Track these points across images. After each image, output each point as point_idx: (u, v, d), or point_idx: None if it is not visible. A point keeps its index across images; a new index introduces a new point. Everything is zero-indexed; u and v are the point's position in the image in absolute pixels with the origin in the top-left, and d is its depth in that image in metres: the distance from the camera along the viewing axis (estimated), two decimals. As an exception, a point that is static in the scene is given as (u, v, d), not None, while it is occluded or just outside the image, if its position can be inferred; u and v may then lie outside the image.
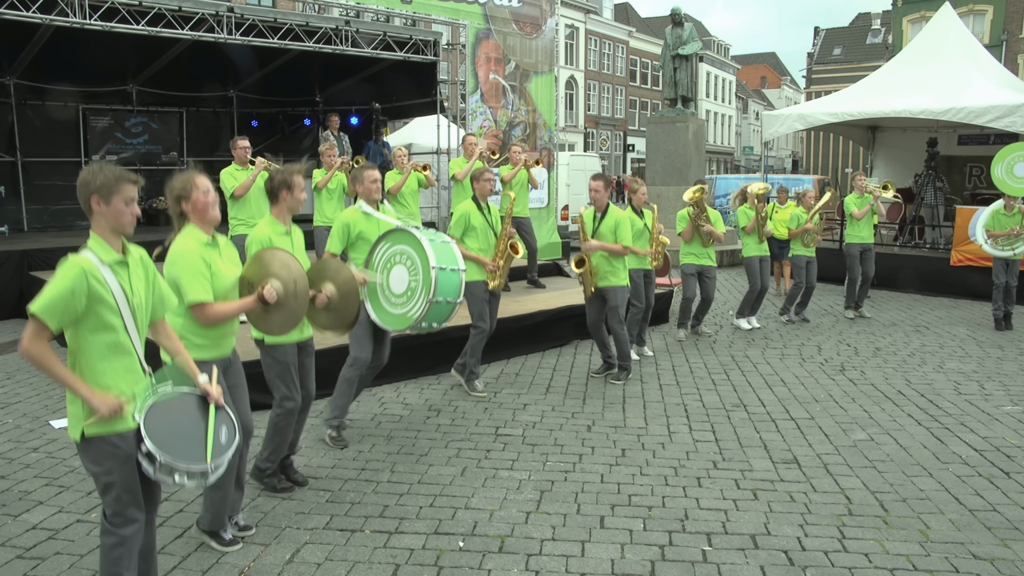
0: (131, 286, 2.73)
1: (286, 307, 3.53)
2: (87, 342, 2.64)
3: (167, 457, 2.64)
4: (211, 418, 2.88)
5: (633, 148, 41.23)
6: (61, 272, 2.58)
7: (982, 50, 13.78)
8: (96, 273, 2.60)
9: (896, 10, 33.12)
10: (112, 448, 2.67)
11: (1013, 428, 5.55)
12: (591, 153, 25.34)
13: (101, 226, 2.69)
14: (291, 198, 4.11)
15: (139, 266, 2.82)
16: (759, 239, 8.78)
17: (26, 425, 5.47)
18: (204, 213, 3.42)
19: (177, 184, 3.42)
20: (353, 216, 4.94)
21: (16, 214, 11.91)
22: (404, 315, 4.74)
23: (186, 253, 3.35)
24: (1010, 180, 9.77)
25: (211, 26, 9.24)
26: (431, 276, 4.59)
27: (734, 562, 3.62)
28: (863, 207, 9.41)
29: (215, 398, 2.94)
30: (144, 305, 2.80)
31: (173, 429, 2.76)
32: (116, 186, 2.68)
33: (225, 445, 2.86)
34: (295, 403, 4.18)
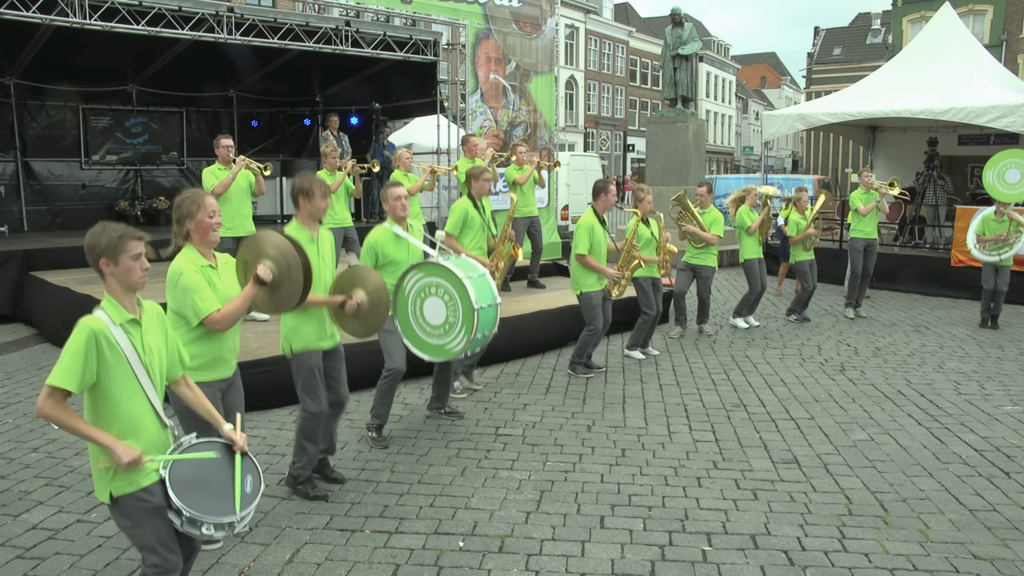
0: (143, 344, 2.73)
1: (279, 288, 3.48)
2: (103, 401, 2.65)
3: (193, 512, 2.63)
4: (237, 467, 2.86)
5: (633, 148, 41.22)
6: (74, 337, 2.59)
7: (982, 50, 13.78)
8: (107, 334, 2.61)
9: (896, 10, 33.12)
10: (140, 503, 2.67)
11: (1013, 428, 5.55)
12: (591, 153, 25.33)
13: (113, 286, 2.69)
14: (310, 204, 4.10)
15: (152, 322, 2.82)
16: (760, 241, 8.80)
17: (26, 425, 5.47)
18: (205, 234, 3.42)
19: (184, 202, 3.42)
20: (382, 237, 4.91)
21: (16, 214, 11.91)
22: (442, 347, 4.92)
23: (184, 272, 3.36)
24: (1001, 186, 9.86)
25: (211, 26, 9.24)
26: (473, 316, 4.73)
27: (734, 562, 3.62)
28: (869, 203, 9.43)
29: (240, 446, 2.91)
30: (160, 361, 2.80)
31: (199, 481, 2.75)
32: (121, 245, 2.67)
33: (251, 494, 2.84)
34: (320, 410, 4.17)
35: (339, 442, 5.13)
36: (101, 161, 12.94)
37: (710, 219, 8.22)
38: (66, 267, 9.01)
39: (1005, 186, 9.82)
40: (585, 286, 6.62)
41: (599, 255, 6.60)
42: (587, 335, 6.77)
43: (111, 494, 2.66)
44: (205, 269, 3.42)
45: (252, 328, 6.74)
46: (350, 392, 5.79)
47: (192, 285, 3.34)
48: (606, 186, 6.70)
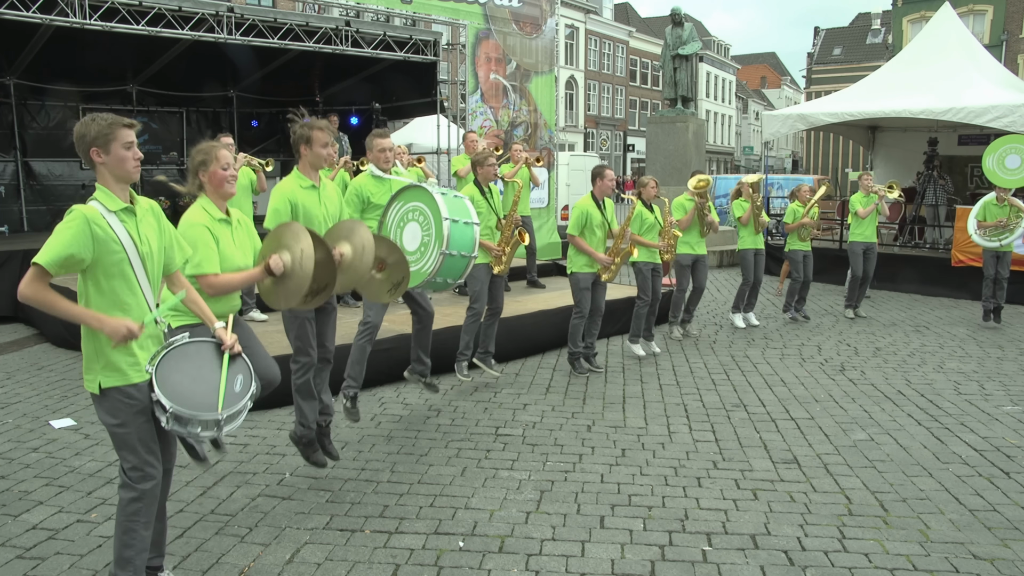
0: (139, 234, 2.68)
1: (288, 281, 3.45)
2: (97, 290, 2.60)
3: (177, 407, 2.61)
4: (224, 366, 2.84)
5: (633, 148, 41.24)
6: (65, 222, 2.54)
7: (982, 50, 13.79)
8: (100, 221, 2.57)
9: (896, 10, 33.12)
10: (127, 399, 2.65)
11: (1013, 428, 5.55)
12: (591, 153, 25.36)
13: (105, 177, 2.65)
14: (311, 153, 4.08)
15: (148, 215, 2.78)
16: (755, 230, 8.79)
17: (26, 425, 5.47)
18: (219, 186, 3.40)
19: (199, 153, 3.41)
20: (363, 180, 4.90)
21: (16, 214, 11.92)
22: (418, 272, 4.66)
23: (193, 224, 3.33)
24: (1001, 172, 9.86)
25: (211, 26, 9.24)
26: (443, 228, 4.48)
27: (734, 562, 3.62)
28: (868, 206, 9.44)
29: (229, 346, 2.90)
30: (155, 254, 2.76)
31: (186, 378, 2.72)
32: (112, 133, 2.63)
33: (240, 393, 2.82)
34: (310, 359, 4.19)
35: (339, 442, 5.14)
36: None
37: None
38: (66, 267, 9.01)
39: (1005, 172, 9.83)
40: (575, 266, 6.69)
41: (593, 239, 6.61)
42: (574, 321, 6.80)
43: (100, 385, 2.63)
44: (217, 223, 3.39)
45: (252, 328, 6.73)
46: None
47: (198, 239, 3.30)
48: (602, 171, 6.76)
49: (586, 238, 6.58)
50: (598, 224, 6.61)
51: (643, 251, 7.31)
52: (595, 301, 6.82)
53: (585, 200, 6.67)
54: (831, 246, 12.93)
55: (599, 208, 6.66)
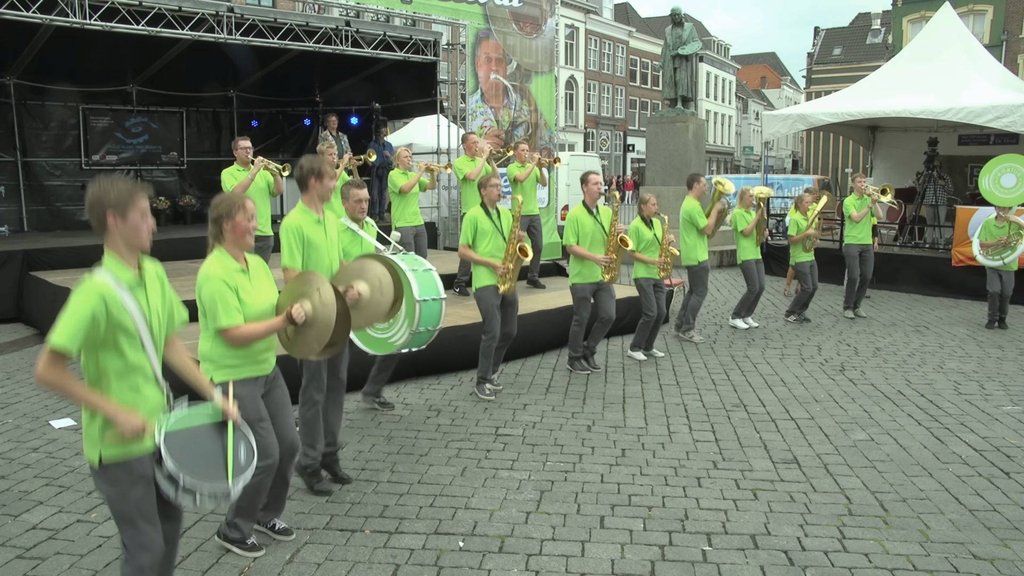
0: (148, 305, 2.64)
1: (314, 324, 3.43)
2: (105, 364, 2.57)
3: (189, 479, 2.58)
4: (230, 436, 2.82)
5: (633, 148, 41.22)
6: (78, 298, 2.48)
7: (982, 50, 13.79)
8: (115, 297, 2.52)
9: (896, 10, 33.12)
10: (129, 472, 2.60)
11: (1013, 428, 5.55)
12: (591, 153, 25.35)
13: (116, 244, 2.58)
14: (320, 186, 4.11)
15: (155, 281, 2.74)
16: (756, 243, 8.79)
17: (26, 425, 5.47)
18: (241, 237, 3.33)
19: (223, 204, 3.34)
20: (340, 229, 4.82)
21: (17, 214, 11.91)
22: (385, 340, 4.89)
23: (210, 279, 3.29)
24: (998, 191, 9.93)
25: (211, 26, 9.24)
26: (415, 309, 4.69)
27: (734, 562, 3.62)
28: (862, 209, 9.44)
29: (232, 416, 2.86)
30: (161, 322, 2.73)
31: (192, 449, 2.69)
32: (132, 199, 2.56)
33: (244, 464, 2.80)
34: (319, 395, 4.21)
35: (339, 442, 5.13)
36: (101, 161, 12.93)
37: None
38: (66, 267, 9.01)
39: (1001, 190, 9.90)
40: (573, 277, 6.78)
41: (588, 245, 6.65)
42: (573, 328, 6.88)
43: (100, 457, 2.59)
44: (234, 274, 3.34)
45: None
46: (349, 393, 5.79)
47: (218, 294, 3.27)
48: (587, 176, 6.79)
49: (583, 245, 6.65)
50: (591, 230, 6.67)
51: (642, 268, 7.34)
52: (604, 308, 6.83)
53: (577, 208, 6.78)
54: (831, 246, 12.92)
55: (590, 214, 6.71)
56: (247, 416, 3.39)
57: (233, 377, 3.36)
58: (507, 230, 6.14)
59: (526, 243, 6.23)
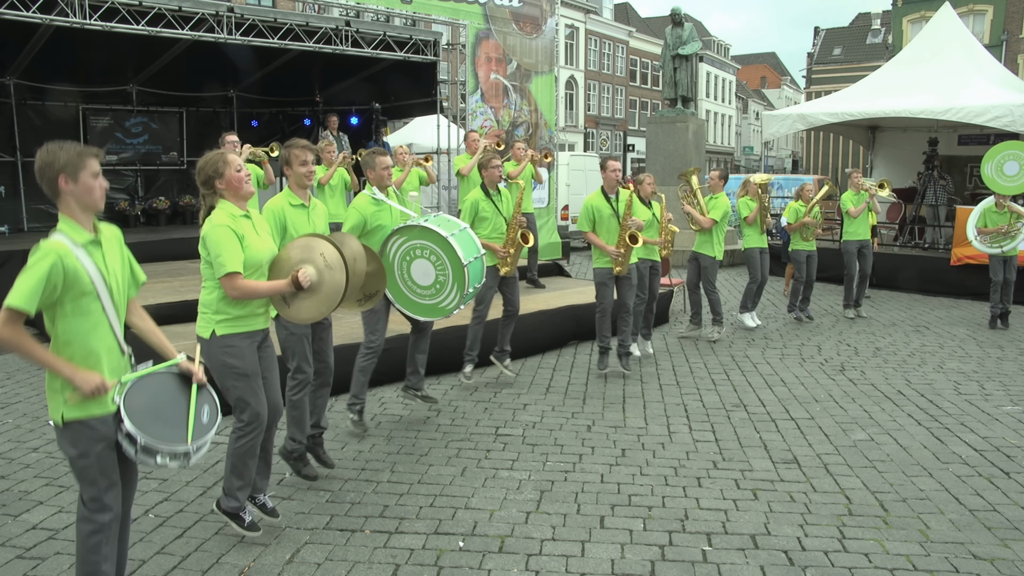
0: (106, 265, 2.67)
1: (321, 288, 3.49)
2: (65, 324, 2.59)
3: (147, 438, 2.60)
4: (193, 397, 2.83)
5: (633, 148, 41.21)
6: (34, 259, 2.52)
7: (982, 50, 13.79)
8: (70, 256, 2.55)
9: (896, 10, 33.11)
10: (91, 431, 2.63)
11: (1013, 428, 5.55)
12: (591, 153, 25.36)
13: (70, 206, 2.62)
14: (293, 173, 4.13)
15: (112, 243, 2.76)
16: (761, 230, 8.78)
17: (26, 425, 5.47)
18: (239, 188, 3.43)
19: (207, 165, 3.41)
20: (366, 202, 4.94)
21: (16, 214, 11.91)
22: (435, 306, 5.06)
23: (216, 226, 3.35)
24: (1000, 179, 9.88)
25: (211, 26, 9.23)
26: (463, 273, 4.87)
27: (734, 562, 3.62)
28: (859, 204, 9.43)
29: (197, 377, 2.89)
30: (120, 283, 2.75)
31: (153, 409, 2.71)
32: (81, 161, 2.60)
33: (207, 425, 2.81)
34: (307, 376, 4.22)
35: (339, 442, 5.14)
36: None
37: (713, 205, 8.14)
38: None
39: (1004, 179, 9.85)
40: (595, 261, 6.78)
41: (603, 232, 6.64)
42: (597, 315, 6.87)
43: (63, 416, 2.61)
44: (239, 219, 3.41)
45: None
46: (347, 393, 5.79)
47: (221, 240, 3.33)
48: (605, 163, 6.76)
49: (599, 232, 6.64)
50: (608, 216, 6.61)
51: (640, 248, 7.31)
52: (621, 296, 6.83)
53: (594, 195, 6.75)
54: (831, 245, 12.92)
55: (608, 201, 6.66)
56: (247, 368, 3.47)
57: (231, 330, 3.44)
58: (508, 212, 6.20)
59: (528, 231, 6.28)
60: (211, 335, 3.47)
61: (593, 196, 6.72)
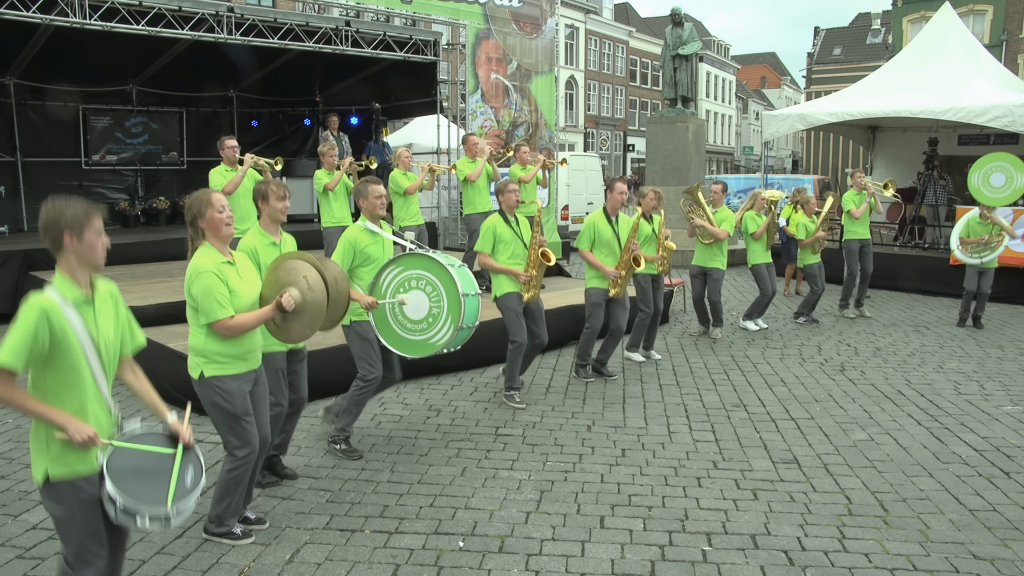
0: (96, 325, 2.63)
1: (305, 311, 3.51)
2: (51, 381, 2.57)
3: (127, 500, 2.57)
4: (178, 459, 2.79)
5: (633, 148, 41.23)
6: (23, 314, 2.50)
7: (982, 50, 13.78)
8: (57, 314, 2.52)
9: (896, 10, 33.12)
10: (76, 491, 2.60)
11: (1013, 428, 5.55)
12: (591, 153, 25.34)
13: (70, 263, 2.60)
14: (268, 207, 4.11)
15: (107, 303, 2.72)
16: (766, 246, 8.76)
17: (26, 425, 5.46)
18: (218, 230, 3.45)
19: (193, 205, 3.46)
20: (359, 234, 4.75)
21: (16, 214, 11.91)
22: (425, 342, 4.69)
23: (201, 273, 3.38)
24: (985, 189, 9.95)
25: (211, 26, 9.23)
26: (460, 304, 4.56)
27: (734, 562, 3.62)
28: (861, 204, 9.43)
29: (185, 439, 2.83)
30: (112, 343, 2.71)
31: (137, 470, 2.68)
32: (87, 219, 2.58)
33: (190, 488, 2.77)
34: (281, 408, 4.20)
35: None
36: (101, 161, 12.93)
37: (721, 217, 8.18)
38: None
39: (990, 189, 9.92)
40: (589, 281, 6.69)
41: (603, 254, 6.59)
42: (585, 334, 6.75)
43: (47, 475, 2.58)
44: (222, 266, 3.44)
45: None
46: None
47: (209, 287, 3.37)
48: (612, 183, 6.73)
49: (596, 252, 6.58)
50: (609, 238, 6.59)
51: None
52: (614, 319, 6.71)
53: (596, 214, 6.69)
54: (831, 246, 12.91)
55: (609, 222, 6.62)
56: (236, 410, 3.51)
57: (221, 372, 3.49)
58: (527, 236, 6.03)
59: (548, 249, 6.16)
60: (200, 376, 3.52)
61: (596, 216, 6.67)
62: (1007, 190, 9.92)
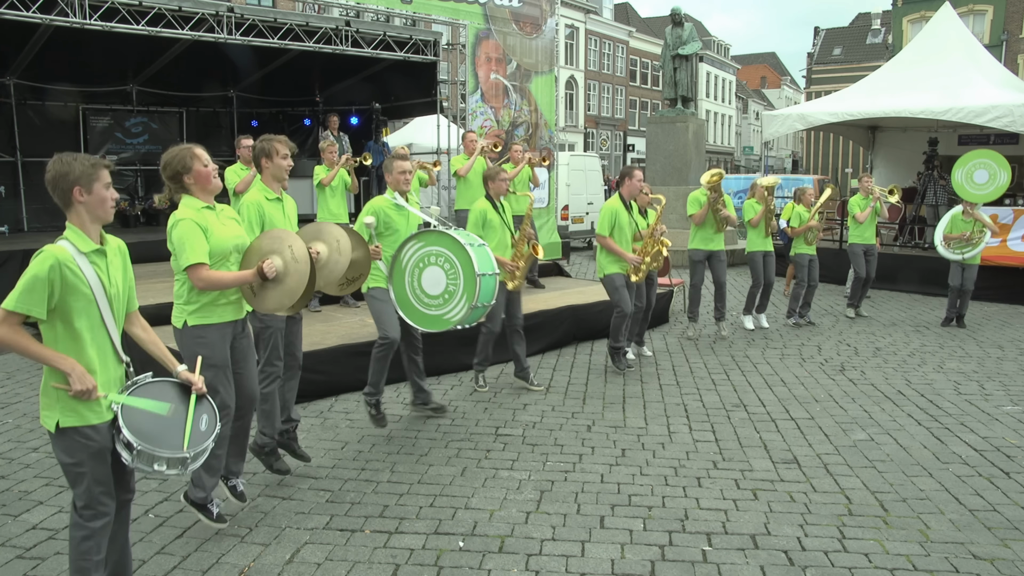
0: (108, 276, 2.69)
1: (286, 279, 3.52)
2: (63, 331, 2.60)
3: (145, 445, 2.62)
4: (191, 406, 2.86)
5: (633, 148, 41.22)
6: (35, 263, 2.54)
7: (982, 50, 13.77)
8: (71, 263, 2.57)
9: (896, 10, 33.13)
10: (85, 440, 2.63)
11: (1013, 428, 5.55)
12: (591, 153, 25.34)
13: (81, 216, 2.65)
14: (272, 165, 4.14)
15: (117, 255, 2.79)
16: (764, 233, 8.75)
17: (26, 425, 5.47)
18: (207, 183, 3.46)
19: (174, 160, 3.43)
20: (384, 203, 4.99)
21: (16, 214, 11.91)
22: (440, 317, 4.94)
23: (179, 221, 3.40)
24: (968, 186, 10.00)
25: (211, 26, 9.23)
26: (475, 283, 4.76)
27: (734, 562, 3.62)
28: (866, 209, 9.43)
29: (197, 387, 2.91)
30: (121, 295, 2.77)
31: (152, 417, 2.73)
32: (95, 172, 2.64)
33: (205, 432, 2.85)
34: (276, 369, 4.23)
35: (339, 442, 5.15)
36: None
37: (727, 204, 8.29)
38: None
39: (973, 186, 9.98)
40: (606, 268, 6.74)
41: (622, 239, 6.66)
42: (616, 318, 6.84)
43: (57, 423, 2.61)
44: (203, 211, 3.44)
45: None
46: (347, 393, 5.81)
47: (185, 233, 3.37)
48: (631, 171, 6.82)
49: (615, 238, 6.64)
50: (626, 224, 6.69)
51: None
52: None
53: (614, 201, 6.76)
54: (831, 246, 12.92)
55: (627, 209, 6.72)
56: (213, 361, 3.47)
57: (203, 320, 3.48)
58: (510, 223, 6.18)
59: (538, 243, 6.25)
60: (183, 325, 3.54)
61: (614, 203, 6.73)
62: (990, 187, 9.98)
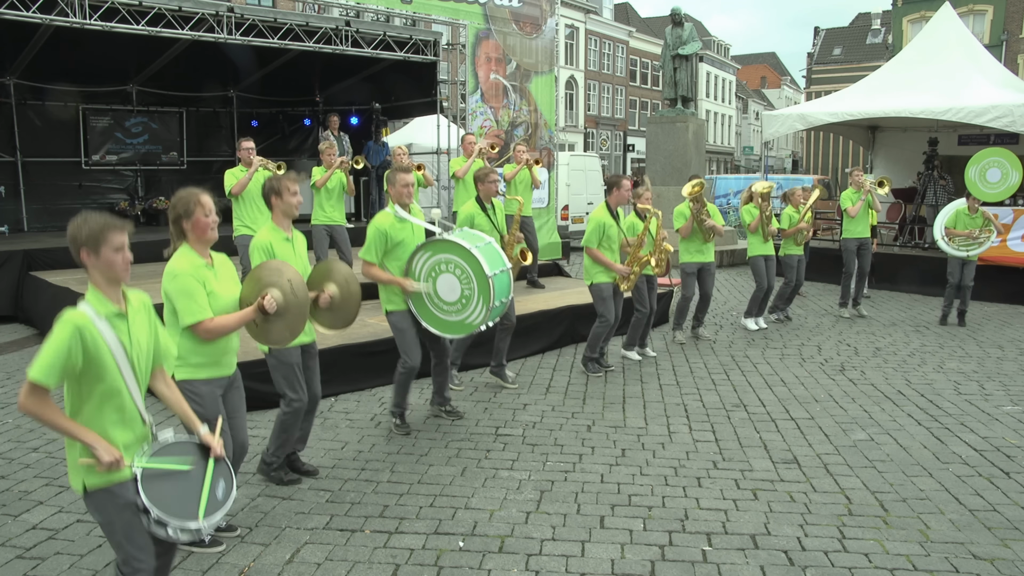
0: (130, 338, 2.66)
1: (287, 314, 3.53)
2: (85, 395, 2.59)
3: (159, 512, 2.61)
4: (209, 471, 2.82)
5: (633, 148, 41.19)
6: (57, 331, 2.52)
7: (982, 50, 13.77)
8: (91, 329, 2.54)
9: (896, 10, 33.12)
10: (114, 498, 2.63)
11: (1013, 428, 5.55)
12: (591, 153, 25.33)
13: (96, 278, 2.64)
14: (282, 203, 4.17)
15: (140, 313, 2.75)
16: (764, 238, 8.75)
17: (26, 425, 5.47)
18: (203, 233, 3.40)
19: (180, 202, 3.42)
20: (388, 221, 4.99)
21: (16, 214, 11.92)
22: (462, 322, 5.02)
23: (179, 275, 3.35)
24: (981, 184, 10.01)
25: (211, 26, 9.24)
26: (488, 286, 4.84)
27: (734, 562, 3.62)
28: (857, 202, 9.43)
29: (216, 451, 2.86)
30: (145, 355, 2.74)
31: (171, 481, 2.71)
32: (103, 236, 2.61)
33: (221, 500, 2.80)
34: (301, 403, 4.25)
35: (339, 442, 5.15)
36: (101, 161, 12.93)
37: (711, 212, 8.18)
38: (66, 267, 9.01)
39: (986, 184, 9.99)
40: (594, 277, 6.71)
41: (609, 249, 6.63)
42: (598, 328, 6.81)
43: (84, 486, 2.62)
44: (201, 269, 3.41)
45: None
46: (347, 393, 5.81)
47: (187, 289, 3.34)
48: (619, 180, 6.74)
49: (603, 249, 6.60)
50: (615, 235, 6.65)
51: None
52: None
53: (600, 211, 6.69)
54: (831, 246, 12.92)
55: (614, 218, 6.67)
56: (205, 414, 3.42)
57: (195, 376, 3.45)
58: (501, 225, 6.16)
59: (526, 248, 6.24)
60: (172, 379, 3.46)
61: (601, 213, 6.66)
62: (1002, 186, 10.00)
